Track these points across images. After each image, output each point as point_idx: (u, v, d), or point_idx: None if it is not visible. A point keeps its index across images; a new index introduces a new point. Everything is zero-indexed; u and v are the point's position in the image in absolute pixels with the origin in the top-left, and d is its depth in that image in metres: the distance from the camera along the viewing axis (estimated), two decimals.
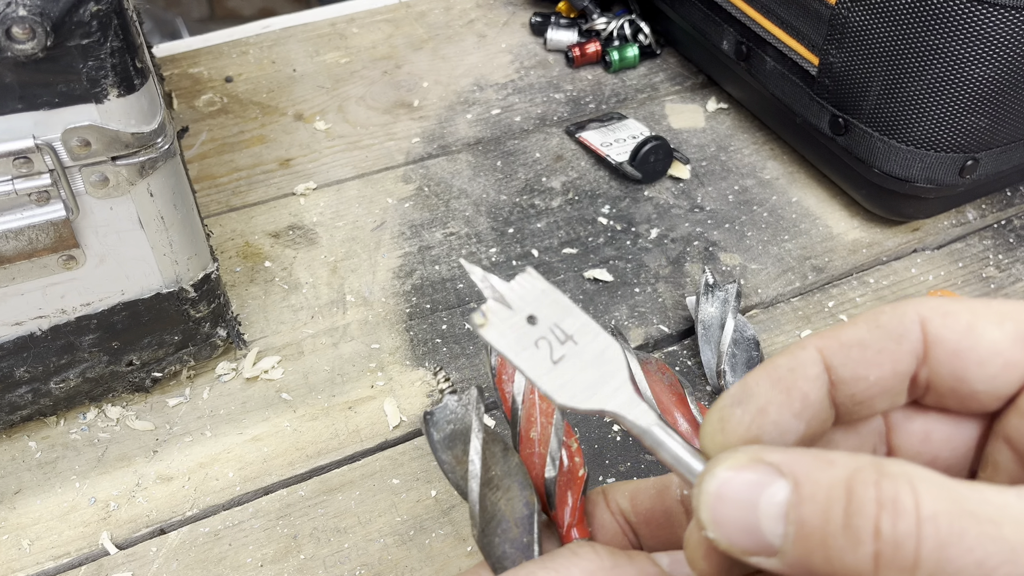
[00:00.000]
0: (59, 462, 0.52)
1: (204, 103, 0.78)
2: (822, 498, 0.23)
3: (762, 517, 0.24)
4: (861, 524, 0.22)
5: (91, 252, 0.46)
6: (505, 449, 0.35)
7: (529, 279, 0.31)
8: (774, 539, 0.24)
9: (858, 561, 0.22)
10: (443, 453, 0.34)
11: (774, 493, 0.24)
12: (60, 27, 0.38)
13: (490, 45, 0.85)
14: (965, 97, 0.56)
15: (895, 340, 0.27)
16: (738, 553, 0.24)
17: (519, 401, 0.36)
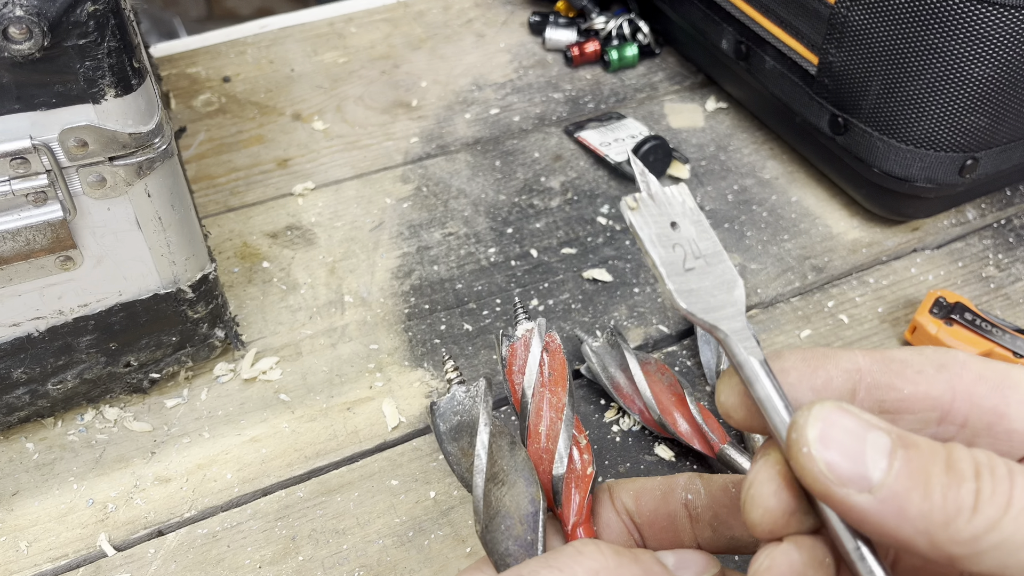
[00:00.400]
0: (57, 464, 0.52)
1: (202, 103, 0.78)
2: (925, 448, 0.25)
3: (868, 448, 0.25)
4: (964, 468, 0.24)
5: (88, 253, 0.46)
6: (512, 443, 0.34)
7: (681, 192, 0.32)
8: (875, 471, 0.24)
9: (961, 496, 0.23)
10: (449, 444, 0.34)
11: (878, 436, 0.25)
12: (57, 27, 0.38)
13: (488, 44, 0.85)
14: (965, 96, 0.56)
15: (936, 367, 0.29)
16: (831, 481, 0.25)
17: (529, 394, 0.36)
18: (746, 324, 0.30)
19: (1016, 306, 0.61)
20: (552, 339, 0.39)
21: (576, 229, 0.67)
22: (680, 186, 0.32)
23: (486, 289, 0.62)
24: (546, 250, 0.65)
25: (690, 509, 0.33)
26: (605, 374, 0.54)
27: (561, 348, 0.39)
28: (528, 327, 0.39)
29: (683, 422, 0.51)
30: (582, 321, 0.60)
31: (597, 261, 0.64)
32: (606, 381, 0.53)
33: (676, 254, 0.30)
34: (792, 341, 0.59)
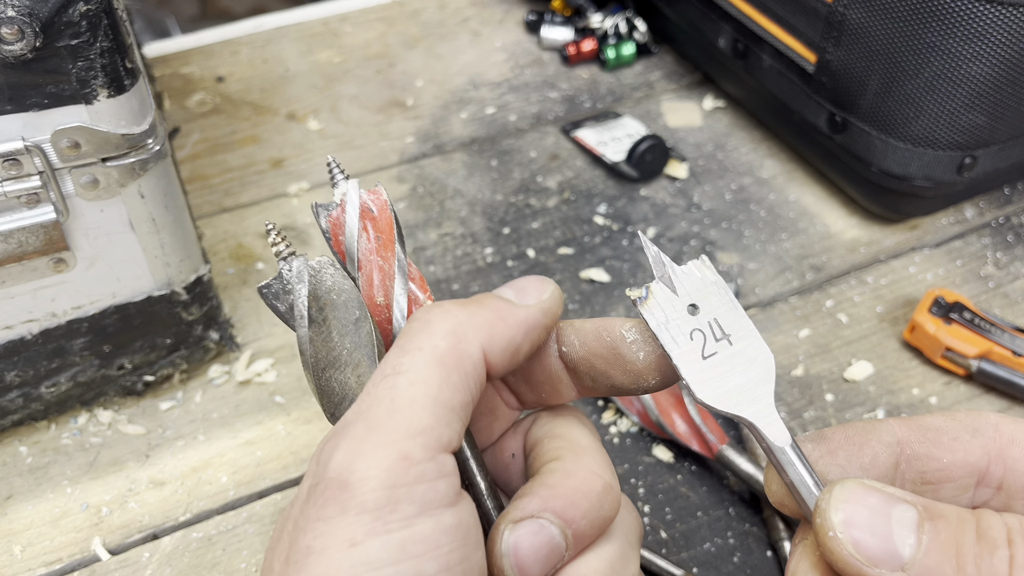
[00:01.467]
0: (50, 467, 0.51)
1: (196, 103, 0.77)
2: (953, 517, 0.25)
3: (895, 525, 0.25)
4: (995, 535, 0.24)
5: (81, 255, 0.45)
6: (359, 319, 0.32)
7: (701, 267, 0.31)
8: (904, 548, 0.25)
9: (995, 565, 0.24)
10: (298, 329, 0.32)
11: (904, 509, 0.25)
12: (49, 28, 0.37)
13: (485, 43, 0.85)
14: (963, 94, 0.56)
15: (970, 432, 0.29)
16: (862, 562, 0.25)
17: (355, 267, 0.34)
18: (772, 405, 0.29)
19: (1015, 304, 0.61)
20: (377, 195, 0.35)
21: (573, 229, 0.66)
22: (701, 259, 0.31)
23: (483, 290, 0.62)
24: (543, 250, 0.65)
25: (566, 361, 0.33)
26: None
27: (388, 203, 0.34)
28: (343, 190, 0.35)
29: (681, 423, 0.51)
30: None
31: (594, 261, 0.64)
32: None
33: (695, 343, 0.30)
34: (791, 341, 0.58)
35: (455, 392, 0.28)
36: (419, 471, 0.27)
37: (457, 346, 0.29)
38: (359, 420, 0.28)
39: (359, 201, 0.34)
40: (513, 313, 0.30)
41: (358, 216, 0.34)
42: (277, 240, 0.33)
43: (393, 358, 0.29)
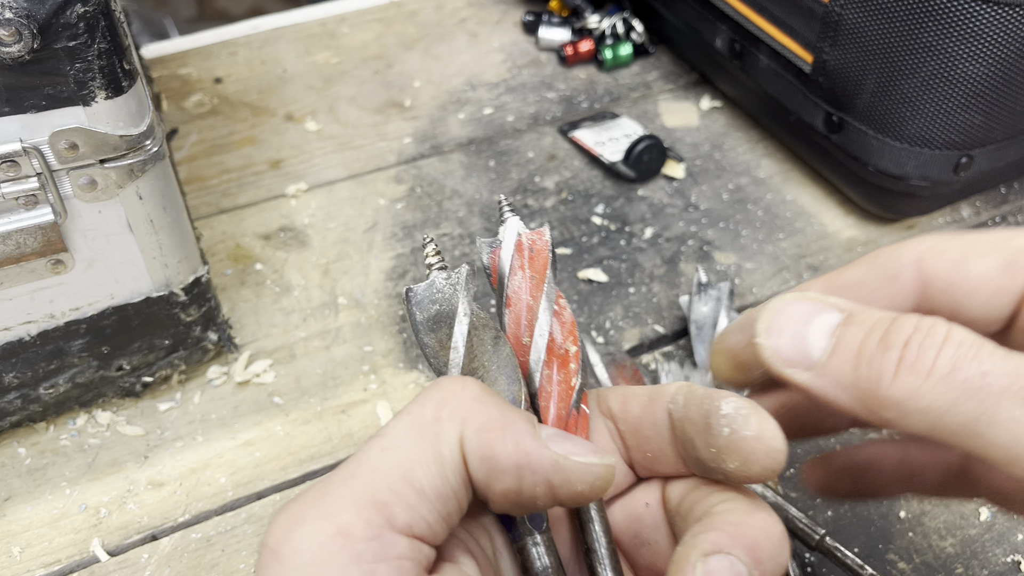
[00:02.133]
0: (49, 468, 0.51)
1: (193, 104, 0.77)
2: (869, 322, 0.26)
3: (812, 330, 0.27)
4: (895, 338, 0.25)
5: (80, 256, 0.45)
6: (496, 338, 0.31)
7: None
8: (816, 351, 0.27)
9: (883, 364, 0.25)
10: (426, 336, 0.31)
11: (827, 317, 0.27)
12: (47, 29, 0.37)
13: (482, 44, 0.85)
14: (960, 94, 0.56)
15: (891, 278, 0.30)
16: (778, 362, 0.27)
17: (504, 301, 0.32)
18: None
19: None
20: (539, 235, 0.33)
21: (571, 229, 0.66)
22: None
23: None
24: None
25: (672, 419, 0.31)
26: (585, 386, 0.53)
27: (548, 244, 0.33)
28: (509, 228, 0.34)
29: None
30: (578, 322, 0.59)
31: (592, 261, 0.64)
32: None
33: None
34: None
35: (427, 473, 0.25)
36: (356, 551, 0.24)
37: (439, 421, 0.26)
38: (320, 481, 0.25)
39: (516, 238, 0.33)
40: (520, 437, 0.26)
41: (512, 253, 0.33)
42: (431, 253, 0.33)
43: (392, 418, 0.27)
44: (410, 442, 0.25)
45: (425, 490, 0.25)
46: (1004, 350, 0.24)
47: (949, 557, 0.48)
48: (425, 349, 0.31)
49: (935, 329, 0.25)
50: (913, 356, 0.25)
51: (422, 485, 0.25)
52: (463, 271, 0.32)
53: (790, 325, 0.27)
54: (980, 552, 0.48)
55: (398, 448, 0.25)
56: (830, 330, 0.27)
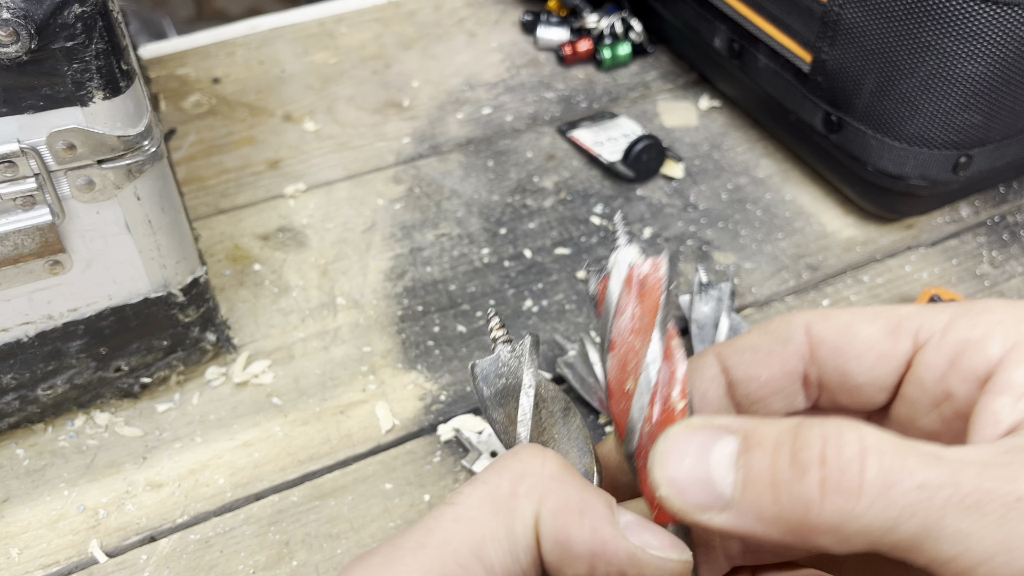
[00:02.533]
0: (47, 470, 0.51)
1: (192, 104, 0.77)
2: (770, 443, 0.24)
3: (713, 466, 0.24)
4: (807, 456, 0.23)
5: (78, 257, 0.45)
6: (566, 409, 0.31)
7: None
8: (725, 488, 0.24)
9: (805, 490, 0.23)
10: (494, 411, 0.31)
11: (724, 445, 0.24)
12: (44, 29, 0.37)
13: (480, 44, 0.85)
14: (959, 94, 0.56)
15: (781, 342, 0.30)
16: (692, 510, 0.24)
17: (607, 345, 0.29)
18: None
19: None
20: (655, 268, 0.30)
21: (570, 229, 0.66)
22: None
23: (480, 290, 0.62)
24: (540, 250, 0.65)
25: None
26: (583, 386, 0.53)
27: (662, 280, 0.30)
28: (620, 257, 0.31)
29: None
30: (577, 322, 0.59)
31: (591, 261, 0.64)
32: (585, 393, 0.53)
33: None
34: None
35: (498, 551, 0.24)
36: None
37: (516, 495, 0.25)
38: (386, 545, 0.25)
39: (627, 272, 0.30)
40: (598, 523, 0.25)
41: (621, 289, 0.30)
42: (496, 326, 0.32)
43: (464, 485, 0.26)
44: (483, 515, 0.25)
45: (495, 568, 0.24)
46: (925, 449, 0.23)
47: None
48: (494, 425, 0.31)
49: (845, 437, 0.23)
50: (836, 475, 0.22)
51: (492, 563, 0.24)
52: (527, 342, 0.31)
53: (686, 466, 0.24)
54: None
55: (471, 520, 0.25)
56: (732, 460, 0.24)
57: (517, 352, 0.31)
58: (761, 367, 0.30)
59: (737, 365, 0.30)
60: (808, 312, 0.30)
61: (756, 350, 0.30)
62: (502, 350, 0.31)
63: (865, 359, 0.29)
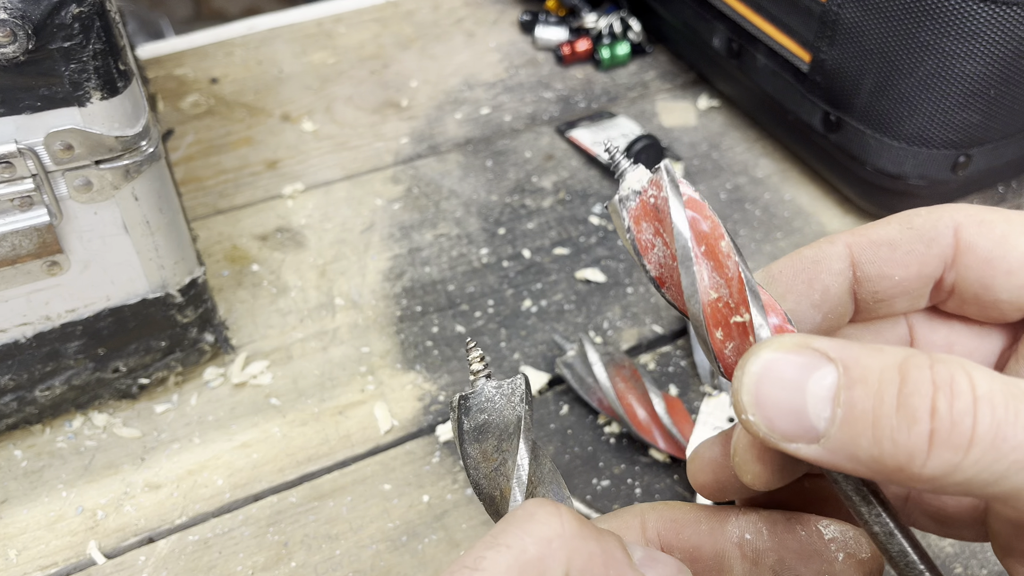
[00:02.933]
0: (45, 471, 0.51)
1: (190, 105, 0.77)
2: (874, 380, 0.22)
3: (809, 399, 0.23)
4: (917, 403, 0.22)
5: (75, 258, 0.45)
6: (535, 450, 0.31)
7: None
8: (819, 422, 0.23)
9: (912, 440, 0.21)
10: (470, 446, 0.30)
11: (823, 375, 0.23)
12: (41, 30, 0.37)
13: (479, 44, 0.85)
14: (957, 93, 0.56)
15: (925, 243, 0.27)
16: (778, 439, 0.23)
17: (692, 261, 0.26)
18: None
19: None
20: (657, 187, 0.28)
21: (569, 229, 0.66)
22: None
23: (478, 290, 0.62)
24: (539, 250, 0.65)
25: (745, 550, 0.29)
26: (582, 386, 0.53)
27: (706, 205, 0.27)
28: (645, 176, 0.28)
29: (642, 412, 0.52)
30: (576, 322, 0.59)
31: (590, 261, 0.64)
32: (584, 394, 0.53)
33: None
34: None
35: None
36: None
37: (544, 560, 0.24)
38: None
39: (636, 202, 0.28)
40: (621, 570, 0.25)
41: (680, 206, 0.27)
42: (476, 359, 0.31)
43: (480, 548, 0.25)
44: None
45: None
46: None
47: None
48: (466, 459, 0.30)
49: (958, 386, 0.22)
50: (946, 428, 0.21)
51: None
52: (520, 383, 0.30)
53: (782, 395, 0.23)
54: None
55: None
56: (830, 394, 0.23)
57: (504, 391, 0.31)
58: (897, 266, 0.27)
59: (870, 261, 0.28)
60: (956, 208, 0.28)
61: (894, 247, 0.28)
62: (485, 385, 0.31)
63: (1016, 277, 0.27)
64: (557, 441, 0.53)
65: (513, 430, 0.29)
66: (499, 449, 0.30)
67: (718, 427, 0.51)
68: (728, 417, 0.51)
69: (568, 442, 0.53)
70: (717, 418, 0.51)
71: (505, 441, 0.29)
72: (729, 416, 0.51)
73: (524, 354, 0.58)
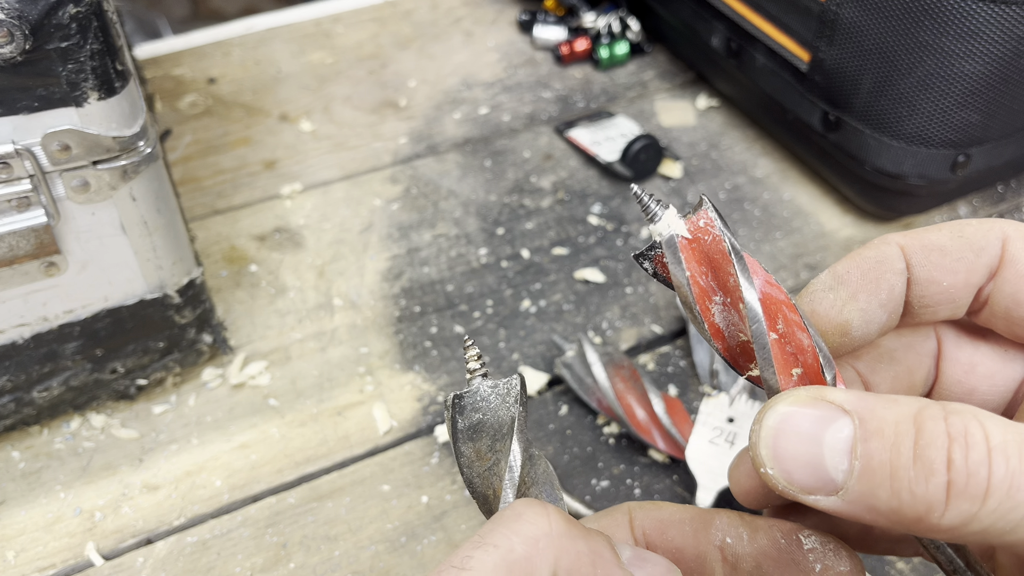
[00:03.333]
0: (43, 472, 0.51)
1: (187, 105, 0.77)
2: (890, 432, 0.23)
3: (827, 451, 0.23)
4: (934, 455, 0.22)
5: (73, 258, 0.45)
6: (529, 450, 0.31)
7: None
8: (838, 475, 0.23)
9: (930, 492, 0.22)
10: (464, 444, 0.30)
11: (839, 428, 0.23)
12: (39, 30, 0.37)
13: (477, 43, 0.85)
14: (956, 92, 0.56)
15: (975, 251, 0.28)
16: (797, 492, 0.24)
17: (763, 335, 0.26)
18: None
19: None
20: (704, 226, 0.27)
21: (567, 229, 0.66)
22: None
23: (477, 291, 0.61)
24: (537, 251, 0.64)
25: (726, 554, 0.29)
26: (581, 386, 0.53)
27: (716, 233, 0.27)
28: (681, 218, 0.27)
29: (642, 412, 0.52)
30: (574, 322, 0.59)
31: (589, 261, 0.64)
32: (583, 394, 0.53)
33: None
34: None
35: None
36: None
37: (531, 559, 0.25)
38: None
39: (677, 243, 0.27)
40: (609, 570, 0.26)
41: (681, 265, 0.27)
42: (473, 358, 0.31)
43: (468, 547, 0.25)
44: None
45: None
46: None
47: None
48: (460, 458, 0.30)
49: (973, 436, 0.22)
50: (963, 479, 0.22)
51: None
52: (515, 383, 0.30)
53: (799, 448, 0.24)
54: None
55: None
56: (847, 447, 0.23)
57: (500, 391, 0.31)
58: (946, 273, 0.28)
59: (921, 264, 0.28)
60: (1006, 222, 0.28)
61: (944, 253, 0.28)
62: (481, 384, 0.31)
63: None
64: (556, 441, 0.53)
65: (507, 430, 0.30)
66: (493, 449, 0.30)
67: (717, 427, 0.51)
68: (727, 417, 0.51)
69: (567, 443, 0.53)
70: (716, 419, 0.51)
71: (499, 441, 0.30)
72: (728, 416, 0.51)
73: (523, 354, 0.57)
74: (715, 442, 0.50)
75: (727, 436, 0.50)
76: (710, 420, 0.51)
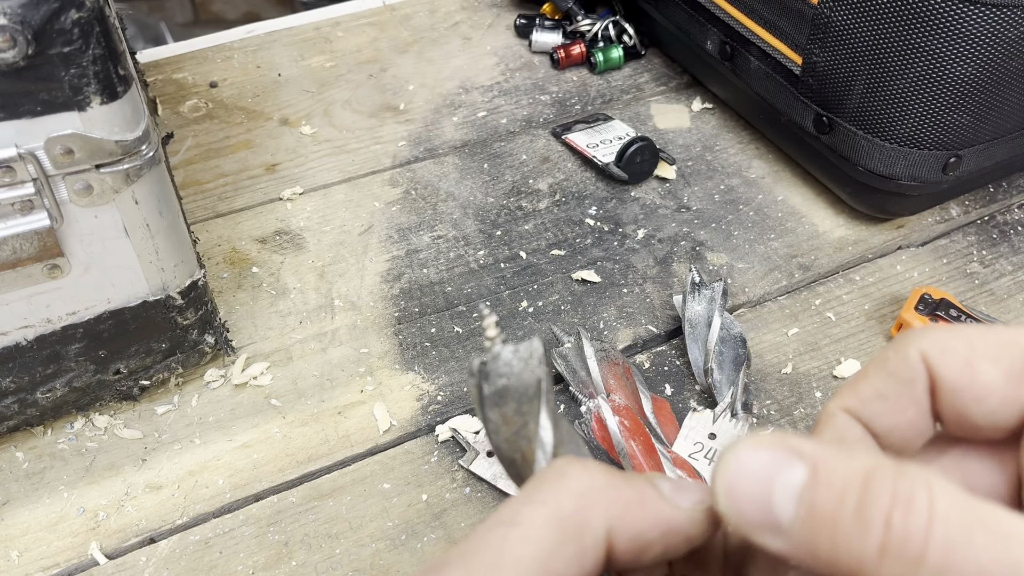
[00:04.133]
0: (47, 472, 0.52)
1: (189, 109, 0.77)
2: (838, 485, 0.23)
3: (776, 494, 0.24)
4: (873, 514, 0.22)
5: (76, 261, 0.46)
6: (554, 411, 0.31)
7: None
8: (783, 516, 0.24)
9: (864, 549, 0.22)
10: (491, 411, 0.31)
11: (791, 475, 0.24)
12: (41, 35, 0.38)
13: (475, 47, 0.85)
14: (948, 95, 0.57)
15: (907, 385, 0.28)
16: (745, 527, 0.25)
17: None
18: None
19: (1000, 302, 0.61)
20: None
21: (564, 231, 0.67)
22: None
23: (476, 292, 0.62)
24: (535, 252, 0.65)
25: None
26: (574, 378, 0.54)
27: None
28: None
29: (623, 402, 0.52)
30: (571, 322, 0.60)
31: (586, 262, 0.64)
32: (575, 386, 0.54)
33: None
34: (780, 339, 0.59)
35: (568, 564, 0.25)
36: None
37: (582, 512, 0.26)
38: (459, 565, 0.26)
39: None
40: (658, 506, 0.27)
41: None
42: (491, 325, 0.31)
43: (515, 504, 0.26)
44: (552, 534, 0.25)
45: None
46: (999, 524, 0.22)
47: None
48: (488, 424, 0.30)
49: (916, 502, 0.22)
50: (897, 543, 0.22)
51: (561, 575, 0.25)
52: (537, 345, 0.30)
53: (751, 487, 0.25)
54: None
55: (541, 539, 0.25)
56: (796, 492, 0.24)
57: (521, 354, 0.31)
58: (897, 415, 0.28)
59: (872, 420, 0.29)
60: (922, 337, 0.28)
61: (884, 398, 0.28)
62: (503, 349, 0.31)
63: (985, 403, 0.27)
64: None
65: (533, 393, 0.30)
66: (519, 412, 0.30)
67: (699, 442, 0.52)
68: (709, 433, 0.52)
69: None
70: (699, 433, 0.52)
71: (525, 404, 0.30)
72: (710, 432, 0.52)
73: None
74: (694, 457, 0.51)
75: (707, 452, 0.51)
76: (691, 435, 0.52)
